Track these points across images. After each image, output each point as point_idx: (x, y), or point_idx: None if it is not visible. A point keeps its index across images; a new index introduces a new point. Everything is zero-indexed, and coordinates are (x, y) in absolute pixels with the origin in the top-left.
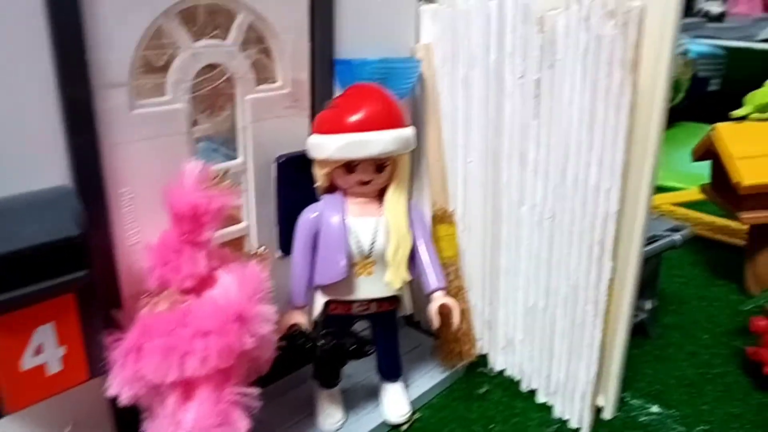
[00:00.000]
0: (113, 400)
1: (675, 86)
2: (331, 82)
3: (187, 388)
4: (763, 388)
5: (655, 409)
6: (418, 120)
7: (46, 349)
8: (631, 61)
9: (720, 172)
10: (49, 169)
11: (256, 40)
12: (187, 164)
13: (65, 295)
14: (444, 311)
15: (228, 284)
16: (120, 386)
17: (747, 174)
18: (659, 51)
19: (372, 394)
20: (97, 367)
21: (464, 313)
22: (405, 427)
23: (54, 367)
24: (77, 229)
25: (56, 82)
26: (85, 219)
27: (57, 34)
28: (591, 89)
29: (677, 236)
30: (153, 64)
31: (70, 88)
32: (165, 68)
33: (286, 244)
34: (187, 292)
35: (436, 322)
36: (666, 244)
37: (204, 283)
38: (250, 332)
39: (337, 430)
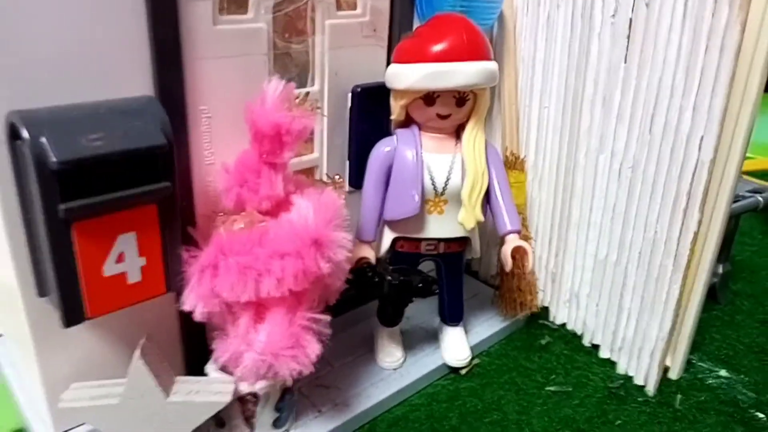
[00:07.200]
0: (183, 318)
1: None
2: (411, 13)
3: (260, 309)
4: None
5: (723, 373)
6: None
7: (127, 258)
8: None
9: None
10: (135, 77)
11: None
12: (268, 83)
13: (149, 205)
14: (516, 255)
15: (305, 209)
16: (195, 302)
17: None
18: None
19: (431, 337)
20: (174, 281)
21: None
22: (465, 371)
23: (134, 277)
24: (164, 138)
25: None
26: (170, 130)
27: None
28: (692, 29)
29: (760, 197)
30: None
31: None
32: None
33: (356, 178)
34: (263, 213)
35: (508, 264)
36: (750, 203)
37: (280, 206)
38: (325, 257)
39: (397, 368)
